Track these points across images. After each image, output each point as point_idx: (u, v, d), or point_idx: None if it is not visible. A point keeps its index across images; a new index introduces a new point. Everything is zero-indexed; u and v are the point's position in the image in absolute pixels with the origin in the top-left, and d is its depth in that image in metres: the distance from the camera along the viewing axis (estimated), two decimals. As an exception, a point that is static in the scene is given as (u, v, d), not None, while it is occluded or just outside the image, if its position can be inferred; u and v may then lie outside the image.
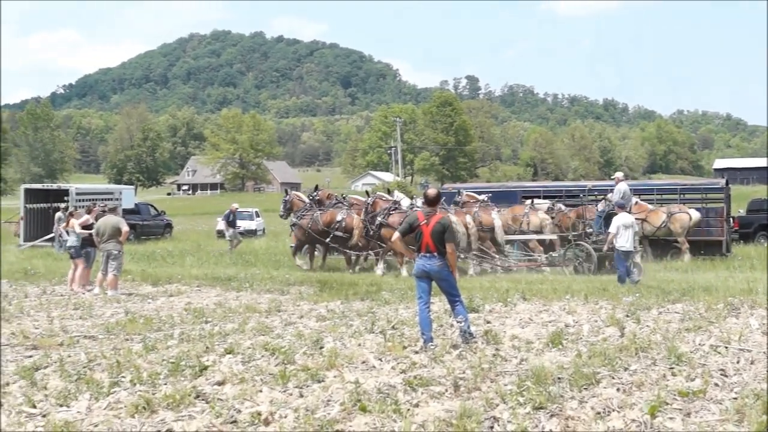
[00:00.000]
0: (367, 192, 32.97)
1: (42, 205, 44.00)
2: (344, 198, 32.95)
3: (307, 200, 33.00)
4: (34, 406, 9.94)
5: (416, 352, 12.97)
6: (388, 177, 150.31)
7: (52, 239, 39.55)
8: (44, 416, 9.50)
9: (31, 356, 13.45)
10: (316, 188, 34.29)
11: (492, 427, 8.93)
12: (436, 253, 13.43)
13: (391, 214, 29.14)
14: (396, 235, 14.34)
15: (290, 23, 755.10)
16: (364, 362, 12.34)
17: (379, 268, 29.09)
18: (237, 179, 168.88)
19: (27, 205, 43.57)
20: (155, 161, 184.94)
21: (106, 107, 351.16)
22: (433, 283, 13.77)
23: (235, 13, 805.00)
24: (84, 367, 12.21)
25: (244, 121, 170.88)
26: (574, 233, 29.34)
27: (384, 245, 29.10)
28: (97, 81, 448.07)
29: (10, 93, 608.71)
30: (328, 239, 30.86)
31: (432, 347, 13.02)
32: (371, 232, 29.67)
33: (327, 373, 11.50)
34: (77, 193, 42.76)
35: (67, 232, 25.08)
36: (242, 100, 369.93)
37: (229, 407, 9.58)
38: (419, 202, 30.06)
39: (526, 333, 14.81)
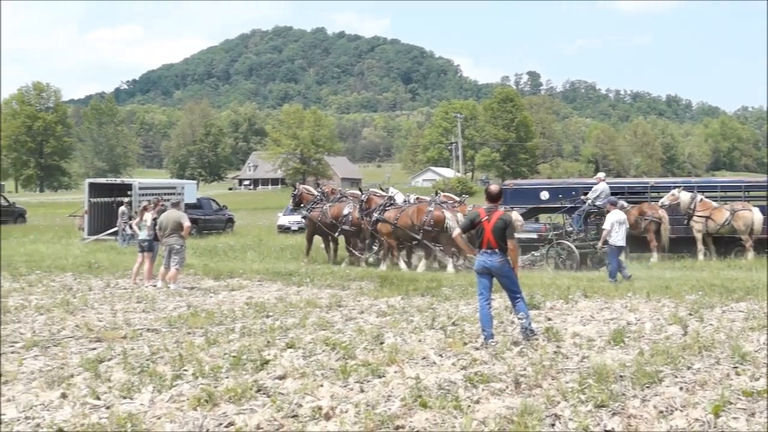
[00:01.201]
0: (360, 189, 33.51)
1: (106, 199, 44.31)
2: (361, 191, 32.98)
3: (316, 193, 33.58)
4: (98, 398, 10.05)
5: (477, 349, 12.94)
6: (448, 173, 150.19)
7: (115, 233, 39.85)
8: (108, 408, 9.60)
9: (95, 348, 13.58)
10: (318, 185, 35.30)
11: (553, 425, 8.89)
12: (497, 250, 13.37)
13: (386, 209, 29.48)
14: (457, 231, 14.33)
15: (352, 19, 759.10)
16: (424, 358, 12.33)
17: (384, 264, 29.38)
18: (298, 174, 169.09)
19: (91, 200, 43.90)
20: (217, 156, 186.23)
21: (168, 103, 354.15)
22: (494, 280, 13.74)
23: (297, 9, 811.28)
24: (147, 360, 12.32)
25: (306, 117, 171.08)
26: (555, 232, 29.63)
27: (381, 240, 29.88)
28: (160, 77, 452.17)
29: (74, 89, 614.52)
30: (336, 233, 31.58)
31: (493, 344, 12.98)
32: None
33: (387, 369, 11.51)
34: (140, 188, 43.00)
35: (139, 227, 25.26)
36: (303, 96, 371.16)
37: (290, 401, 9.63)
38: (412, 198, 31.36)
39: (587, 330, 14.73)
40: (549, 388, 10.28)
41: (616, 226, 23.67)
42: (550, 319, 16.20)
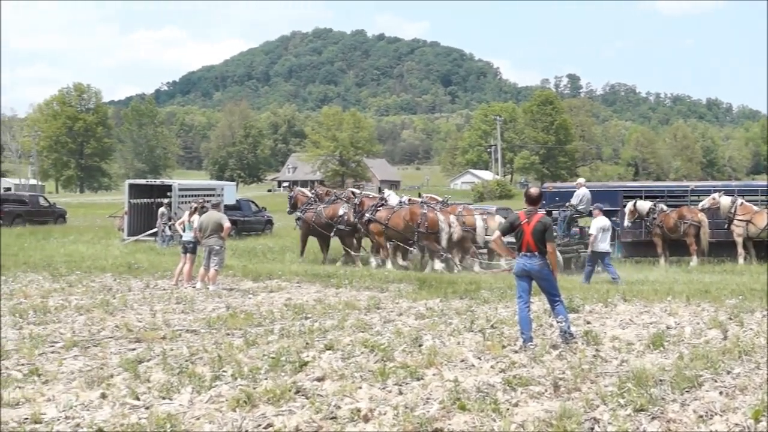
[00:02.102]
0: (353, 193, 34.15)
1: (145, 200, 44.51)
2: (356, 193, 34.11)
3: (310, 195, 34.53)
4: (138, 398, 10.10)
5: (515, 352, 12.93)
6: (487, 176, 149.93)
7: (154, 234, 40.03)
8: (147, 408, 9.64)
9: (134, 349, 13.66)
10: (313, 185, 36.99)
11: (592, 429, 8.87)
12: (536, 253, 13.36)
13: (378, 209, 30.35)
14: (496, 234, 14.29)
15: (391, 21, 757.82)
16: (463, 361, 12.32)
17: (373, 260, 30.63)
18: (337, 176, 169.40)
19: (131, 200, 44.11)
20: (256, 158, 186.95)
21: (208, 104, 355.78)
22: (534, 283, 13.72)
23: (337, 11, 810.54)
24: (186, 361, 12.37)
25: (345, 119, 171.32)
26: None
27: (373, 240, 31.09)
28: (200, 78, 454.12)
29: (115, 90, 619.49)
30: (332, 233, 32.39)
31: (531, 347, 12.96)
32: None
33: (426, 371, 11.51)
34: (180, 189, 43.16)
35: (184, 228, 25.40)
36: (343, 98, 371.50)
37: (328, 403, 9.64)
38: (405, 199, 32.50)
39: (626, 334, 14.66)
40: (588, 392, 10.26)
41: (601, 232, 24.30)
42: (589, 323, 16.15)
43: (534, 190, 14.17)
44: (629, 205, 32.64)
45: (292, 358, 12.20)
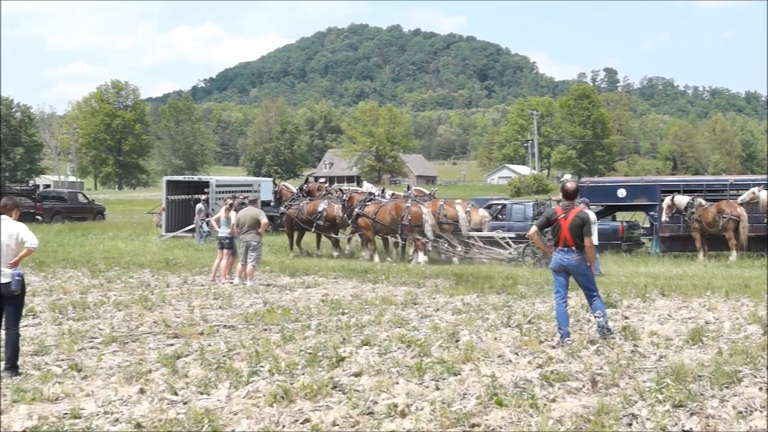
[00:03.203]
0: (341, 189, 36.11)
1: (183, 196, 44.69)
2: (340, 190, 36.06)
3: (294, 190, 36.63)
4: (176, 394, 10.16)
5: (553, 347, 12.91)
6: (524, 170, 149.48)
7: (192, 230, 40.13)
8: (185, 403, 9.71)
9: (172, 344, 13.76)
10: (306, 180, 38.56)
11: (630, 425, 8.83)
12: (574, 248, 13.32)
13: (366, 204, 31.68)
14: (533, 228, 14.24)
15: (427, 16, 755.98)
16: (500, 356, 12.31)
17: (366, 254, 31.62)
18: (373, 172, 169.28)
19: (168, 197, 44.29)
20: (293, 154, 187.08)
21: (245, 100, 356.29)
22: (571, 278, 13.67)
23: (373, 6, 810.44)
24: (224, 356, 12.44)
25: (381, 114, 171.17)
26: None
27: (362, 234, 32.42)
28: (237, 74, 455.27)
29: (153, 87, 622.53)
30: (313, 228, 33.89)
31: (569, 342, 12.92)
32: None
33: (463, 367, 11.51)
34: (217, 185, 43.30)
35: (221, 224, 25.52)
36: (379, 94, 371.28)
37: (365, 398, 9.66)
38: (388, 194, 34.21)
39: (665, 329, 14.60)
40: (626, 388, 10.22)
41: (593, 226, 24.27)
42: (627, 318, 16.11)
43: (571, 185, 14.11)
44: (667, 199, 32.47)
45: (329, 353, 12.24)
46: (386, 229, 31.25)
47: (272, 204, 41.71)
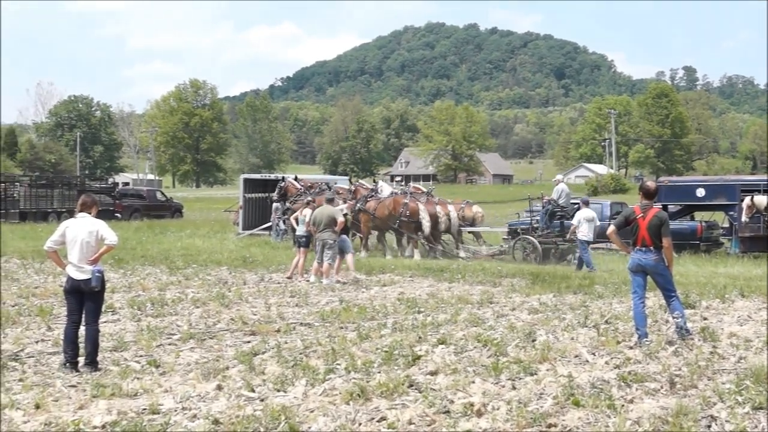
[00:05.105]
0: (350, 181, 37.82)
1: (260, 194, 44.93)
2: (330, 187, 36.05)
3: (300, 186, 36.75)
4: (253, 390, 10.22)
5: (630, 348, 12.81)
6: (601, 169, 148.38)
7: (269, 228, 40.35)
8: (262, 400, 9.74)
9: (249, 342, 13.83)
10: (296, 178, 38.97)
11: (709, 426, 8.74)
12: (652, 247, 13.20)
13: (368, 200, 32.17)
14: (611, 228, 14.09)
15: (504, 15, 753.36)
16: (577, 356, 12.24)
17: (363, 252, 31.70)
18: (449, 171, 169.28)
19: (246, 195, 44.57)
20: (369, 152, 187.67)
21: (321, 99, 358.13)
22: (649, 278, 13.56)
23: (449, 5, 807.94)
24: (300, 354, 12.48)
25: (457, 113, 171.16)
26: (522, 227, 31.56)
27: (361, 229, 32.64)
28: (314, 73, 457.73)
29: (230, 86, 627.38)
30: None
31: (647, 343, 12.82)
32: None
33: (540, 366, 11.46)
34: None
35: (297, 222, 25.69)
36: (455, 92, 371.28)
37: (441, 397, 9.65)
38: (387, 190, 34.13)
39: (744, 331, 14.43)
40: (705, 389, 10.12)
41: (584, 222, 26.62)
42: (705, 319, 15.93)
43: (651, 184, 13.99)
44: (747, 199, 31.99)
45: (405, 351, 12.24)
46: (385, 225, 32.14)
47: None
